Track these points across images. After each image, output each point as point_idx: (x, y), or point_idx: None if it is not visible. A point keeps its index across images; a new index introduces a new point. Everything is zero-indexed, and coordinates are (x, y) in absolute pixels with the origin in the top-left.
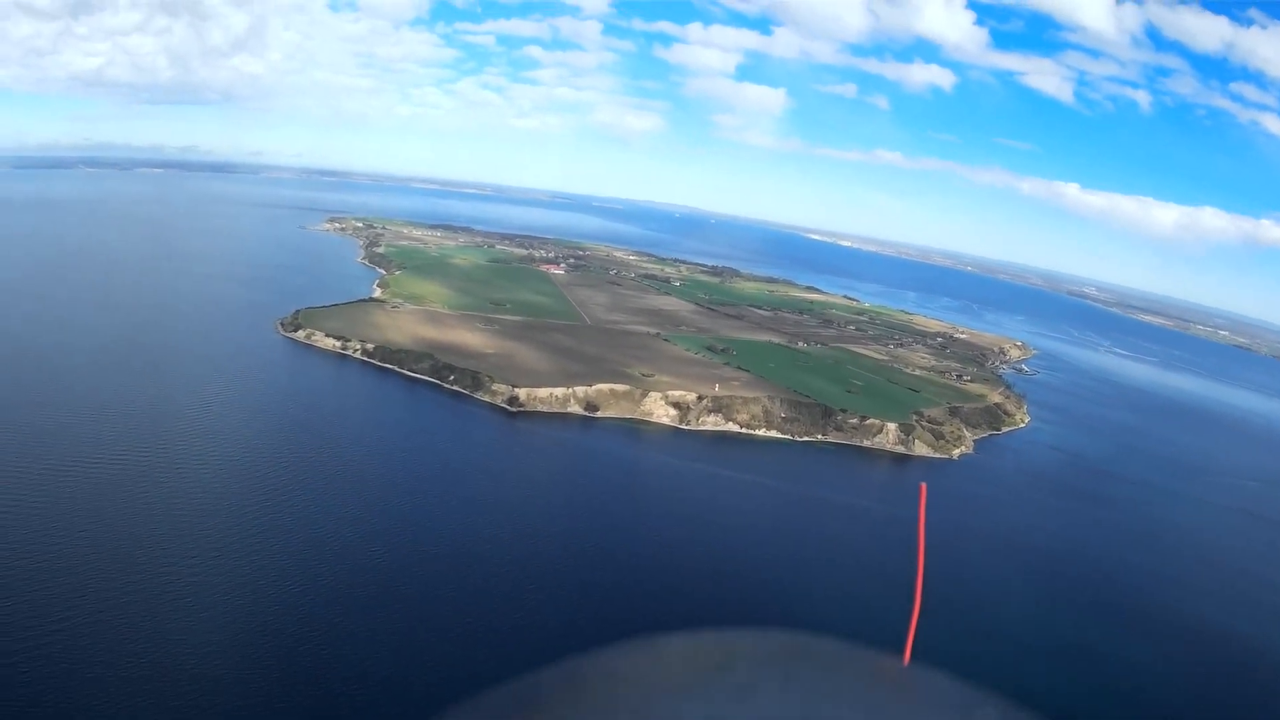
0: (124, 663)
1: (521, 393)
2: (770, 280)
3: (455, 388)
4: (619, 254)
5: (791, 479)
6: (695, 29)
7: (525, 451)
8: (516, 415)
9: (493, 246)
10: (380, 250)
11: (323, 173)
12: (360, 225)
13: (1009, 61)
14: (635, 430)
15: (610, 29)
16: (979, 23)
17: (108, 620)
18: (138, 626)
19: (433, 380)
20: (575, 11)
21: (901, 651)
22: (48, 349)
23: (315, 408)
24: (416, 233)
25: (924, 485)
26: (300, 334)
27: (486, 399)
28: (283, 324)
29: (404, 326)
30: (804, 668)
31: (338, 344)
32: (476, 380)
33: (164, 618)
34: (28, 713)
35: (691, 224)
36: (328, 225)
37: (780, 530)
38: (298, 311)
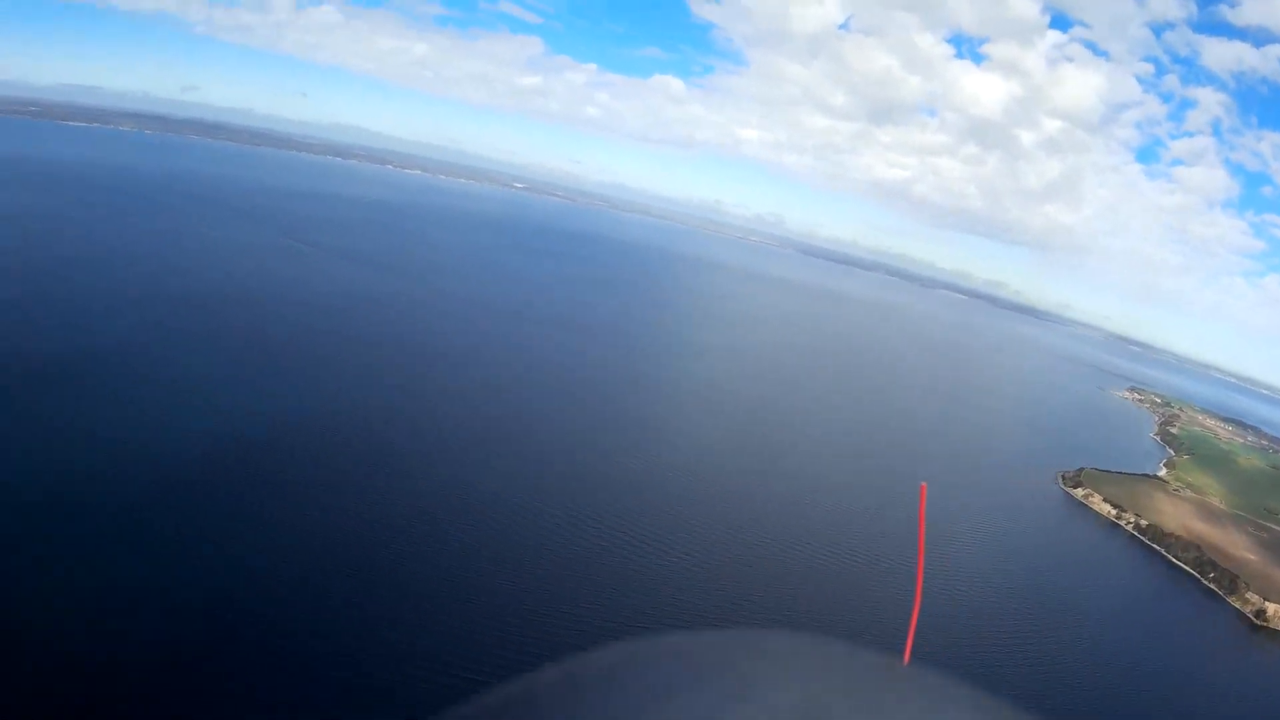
0: None
1: (1271, 608)
2: None
3: (1211, 586)
4: None
5: None
6: None
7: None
8: (1258, 630)
9: (1278, 453)
10: (1173, 431)
11: (1127, 341)
12: (1158, 401)
13: None
14: None
15: None
16: None
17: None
18: None
19: (1192, 572)
20: None
21: (901, 651)
22: (825, 429)
23: (1069, 565)
24: (1209, 422)
25: (924, 485)
26: (1079, 491)
27: (1236, 604)
28: (1064, 477)
29: (1177, 512)
30: (804, 668)
31: (1113, 511)
32: (1233, 584)
33: None
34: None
35: None
36: (1126, 394)
37: None
38: (1081, 469)
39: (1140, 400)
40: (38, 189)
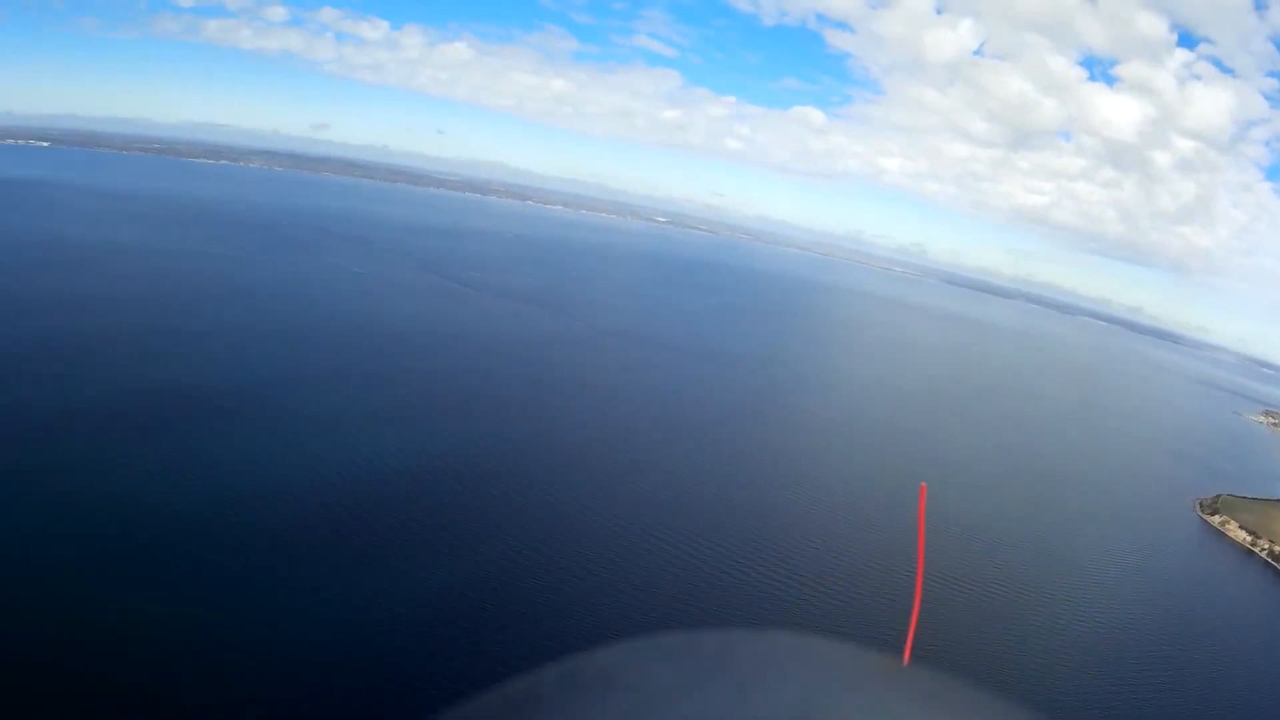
0: None
1: None
2: None
3: None
4: None
5: None
6: None
7: None
8: None
9: None
10: None
11: (1262, 364)
12: None
13: None
14: None
15: None
16: None
17: None
18: None
19: None
20: None
21: (901, 651)
22: (964, 456)
23: (1202, 593)
24: None
25: (924, 485)
26: (1215, 519)
27: None
28: (1201, 504)
29: None
30: (804, 668)
31: (1248, 538)
32: None
33: None
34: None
35: None
36: (1262, 418)
37: None
38: (1218, 496)
39: (1275, 424)
40: (177, 225)
